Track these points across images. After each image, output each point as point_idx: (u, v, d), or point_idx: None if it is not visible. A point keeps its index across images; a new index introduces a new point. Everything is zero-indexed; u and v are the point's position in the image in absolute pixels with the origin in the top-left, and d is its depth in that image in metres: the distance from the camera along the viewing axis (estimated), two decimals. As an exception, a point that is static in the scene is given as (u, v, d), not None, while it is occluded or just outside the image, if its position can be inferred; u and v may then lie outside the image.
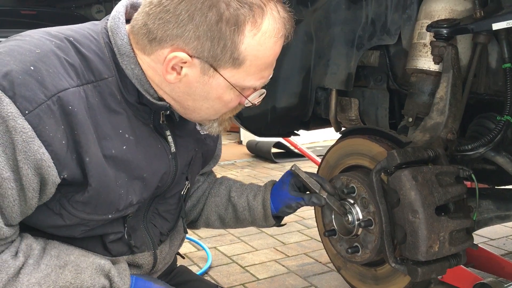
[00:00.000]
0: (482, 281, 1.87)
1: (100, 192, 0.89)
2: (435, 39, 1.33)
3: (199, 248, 2.64)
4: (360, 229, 1.22)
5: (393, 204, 1.14)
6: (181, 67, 0.89)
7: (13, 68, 0.80)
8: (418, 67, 1.41)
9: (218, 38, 0.85)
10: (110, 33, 0.92)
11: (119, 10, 0.94)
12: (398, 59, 1.64)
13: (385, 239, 1.15)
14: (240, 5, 0.84)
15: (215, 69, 0.89)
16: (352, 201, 1.23)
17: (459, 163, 1.33)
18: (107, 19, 0.95)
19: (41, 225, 0.92)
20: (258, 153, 5.11)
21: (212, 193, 1.28)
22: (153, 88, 0.94)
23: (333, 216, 1.30)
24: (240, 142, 5.84)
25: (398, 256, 1.16)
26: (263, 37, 0.87)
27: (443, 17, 1.37)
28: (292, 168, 1.18)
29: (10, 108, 0.78)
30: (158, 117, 0.98)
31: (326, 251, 1.46)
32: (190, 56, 0.87)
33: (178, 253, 1.28)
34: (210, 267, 2.40)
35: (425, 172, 1.10)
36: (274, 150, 4.90)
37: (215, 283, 1.65)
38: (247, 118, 1.74)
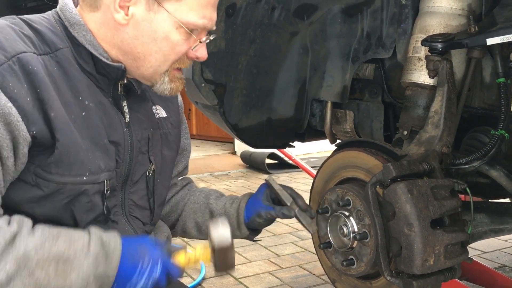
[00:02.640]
0: (475, 294, 1.88)
1: (69, 148, 0.92)
2: (430, 53, 1.34)
3: (193, 260, 2.62)
4: (355, 242, 1.22)
5: (389, 217, 1.15)
6: (128, 7, 0.95)
7: None
8: (413, 81, 1.42)
9: None
10: (60, 12, 0.99)
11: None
12: (393, 72, 1.65)
13: (380, 252, 1.15)
14: None
15: (159, 3, 0.95)
16: (347, 214, 1.23)
17: (454, 176, 1.34)
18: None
19: (21, 201, 0.93)
20: (252, 164, 5.11)
21: (191, 200, 1.31)
22: (106, 52, 0.99)
23: (328, 229, 1.29)
24: (234, 153, 5.84)
25: (393, 269, 1.16)
26: None
27: (437, 32, 1.38)
28: (267, 179, 1.19)
29: None
30: (116, 88, 1.03)
31: (321, 263, 1.46)
32: None
33: None
34: (203, 279, 2.39)
35: (420, 186, 1.11)
36: (268, 161, 4.90)
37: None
38: (242, 129, 1.74)
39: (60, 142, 0.90)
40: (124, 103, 1.05)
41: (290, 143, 1.96)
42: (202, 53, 1.03)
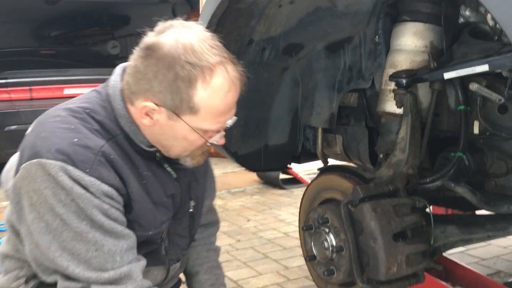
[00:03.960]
0: (465, 299, 2.03)
1: (139, 213, 1.19)
2: (396, 87, 1.53)
3: (207, 274, 2.83)
4: (334, 254, 1.42)
5: (359, 232, 1.34)
6: (153, 114, 1.15)
7: (63, 144, 1.09)
8: (386, 110, 1.62)
9: (176, 92, 1.12)
10: (111, 100, 1.20)
11: (115, 79, 1.22)
12: (373, 100, 1.84)
13: (353, 262, 1.34)
14: (192, 68, 1.10)
15: (177, 115, 1.14)
16: (327, 230, 1.43)
17: (422, 194, 1.52)
18: (107, 85, 1.23)
19: None
20: (267, 180, 5.30)
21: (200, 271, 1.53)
22: (145, 138, 1.21)
23: (312, 243, 1.49)
24: (250, 170, 6.02)
25: (365, 277, 1.35)
26: (213, 91, 1.12)
27: (405, 67, 1.58)
28: None
29: (76, 172, 1.08)
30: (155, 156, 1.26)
31: (311, 274, 1.65)
32: (157, 105, 1.13)
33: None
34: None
35: (383, 204, 1.30)
36: (282, 176, 5.09)
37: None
38: (242, 156, 1.95)
39: (134, 210, 1.17)
40: (166, 165, 1.28)
41: (287, 165, 2.17)
42: (220, 142, 1.24)
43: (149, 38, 1.15)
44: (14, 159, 1.22)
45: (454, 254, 2.88)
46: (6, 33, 11.75)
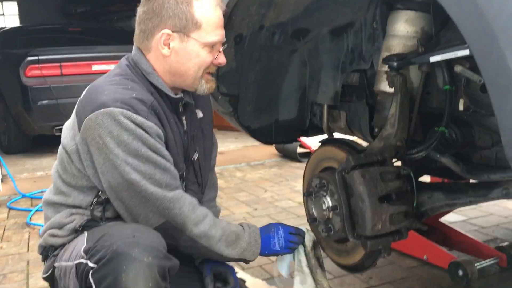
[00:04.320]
0: (456, 260, 2.25)
1: (172, 152, 1.50)
2: (388, 69, 1.73)
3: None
4: (331, 213, 1.64)
5: (351, 195, 1.56)
6: (169, 44, 1.47)
7: (125, 97, 1.39)
8: (380, 89, 1.81)
9: (181, 14, 1.44)
10: (137, 62, 1.53)
11: (133, 49, 1.56)
12: (373, 80, 2.03)
13: (345, 221, 1.57)
14: None
15: (187, 36, 1.46)
16: (324, 194, 1.66)
17: (410, 163, 1.73)
18: (130, 55, 1.58)
19: None
20: (286, 153, 5.53)
21: None
22: (167, 84, 1.52)
23: (313, 206, 1.72)
24: (270, 143, 6.25)
25: (356, 233, 1.58)
26: (206, 5, 1.47)
27: (398, 51, 1.76)
28: None
29: (138, 118, 1.38)
30: (179, 108, 1.59)
31: (314, 235, 1.88)
32: (172, 31, 1.45)
33: None
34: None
35: (371, 171, 1.52)
36: (300, 150, 5.31)
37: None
38: (255, 130, 2.18)
39: (168, 147, 1.50)
40: (184, 117, 1.60)
41: (296, 138, 2.39)
42: (222, 59, 1.56)
43: None
44: (69, 124, 1.50)
45: (456, 222, 3.09)
46: (34, 10, 12.11)
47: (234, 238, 1.53)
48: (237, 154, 5.80)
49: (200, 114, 1.70)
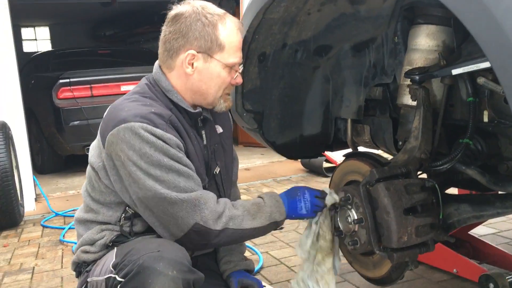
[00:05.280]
0: (486, 273, 2.23)
1: (194, 164, 1.55)
2: (411, 83, 1.75)
3: (253, 253, 3.13)
4: (357, 226, 1.66)
5: (375, 208, 1.58)
6: (193, 63, 1.55)
7: (144, 112, 1.47)
8: (403, 103, 1.83)
9: (206, 35, 1.55)
10: (157, 81, 1.61)
11: (155, 67, 1.65)
12: (396, 94, 2.06)
13: (371, 233, 1.58)
14: (212, 16, 1.56)
15: (211, 56, 1.56)
16: (350, 206, 1.68)
17: (436, 175, 1.74)
18: (150, 75, 1.66)
19: None
20: (312, 168, 5.54)
21: None
22: (187, 101, 1.60)
23: (338, 219, 1.74)
24: (296, 159, 6.27)
25: (381, 246, 1.59)
26: (230, 29, 1.57)
27: (419, 64, 1.78)
28: None
29: (157, 130, 1.45)
30: (198, 123, 1.65)
31: (340, 249, 1.89)
32: (197, 52, 1.54)
33: None
34: (261, 268, 2.88)
35: (395, 184, 1.53)
36: (325, 165, 5.31)
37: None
38: (280, 145, 2.21)
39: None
40: (203, 132, 1.66)
41: (321, 153, 2.41)
42: (239, 79, 1.66)
43: (170, 13, 1.59)
44: (94, 144, 1.57)
45: (486, 235, 3.05)
46: (65, 34, 12.50)
47: (256, 208, 1.57)
48: (263, 170, 5.83)
49: (220, 130, 1.76)
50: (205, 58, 1.56)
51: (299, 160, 5.86)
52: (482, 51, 1.25)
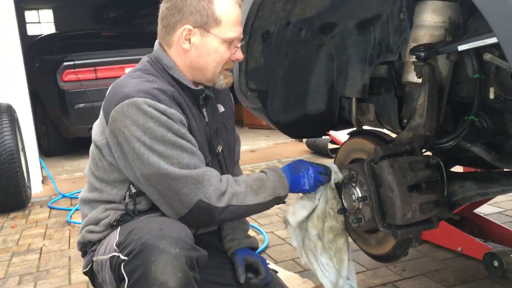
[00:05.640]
0: (491, 251, 2.23)
1: (197, 140, 1.54)
2: (416, 60, 1.73)
3: (258, 232, 3.14)
4: (361, 204, 1.66)
5: (380, 185, 1.58)
6: (189, 39, 1.53)
7: (147, 88, 1.46)
8: (408, 80, 1.81)
9: (202, 10, 1.50)
10: (159, 58, 1.60)
11: (155, 45, 1.63)
12: (401, 71, 2.03)
13: (375, 210, 1.58)
14: None
15: (207, 31, 1.53)
16: (354, 184, 1.68)
17: (441, 153, 1.73)
18: (151, 53, 1.65)
19: None
20: (316, 150, 5.53)
21: None
22: (187, 77, 1.58)
23: (343, 197, 1.74)
24: (301, 140, 6.27)
25: (386, 223, 1.59)
26: (226, 3, 1.53)
27: (425, 41, 1.75)
28: None
29: (161, 106, 1.44)
30: (199, 101, 1.63)
31: (346, 229, 1.89)
32: (193, 27, 1.51)
33: None
34: (266, 247, 2.90)
35: (400, 161, 1.53)
36: (330, 146, 5.30)
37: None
38: (284, 124, 2.21)
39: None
40: (204, 110, 1.65)
41: (325, 132, 2.40)
42: (239, 55, 1.62)
43: None
44: (97, 122, 1.57)
45: (492, 214, 3.04)
46: (68, 17, 12.46)
47: (259, 183, 1.56)
48: (268, 151, 5.83)
49: (221, 109, 1.75)
50: (202, 33, 1.53)
51: (304, 141, 5.86)
52: (489, 27, 1.24)
